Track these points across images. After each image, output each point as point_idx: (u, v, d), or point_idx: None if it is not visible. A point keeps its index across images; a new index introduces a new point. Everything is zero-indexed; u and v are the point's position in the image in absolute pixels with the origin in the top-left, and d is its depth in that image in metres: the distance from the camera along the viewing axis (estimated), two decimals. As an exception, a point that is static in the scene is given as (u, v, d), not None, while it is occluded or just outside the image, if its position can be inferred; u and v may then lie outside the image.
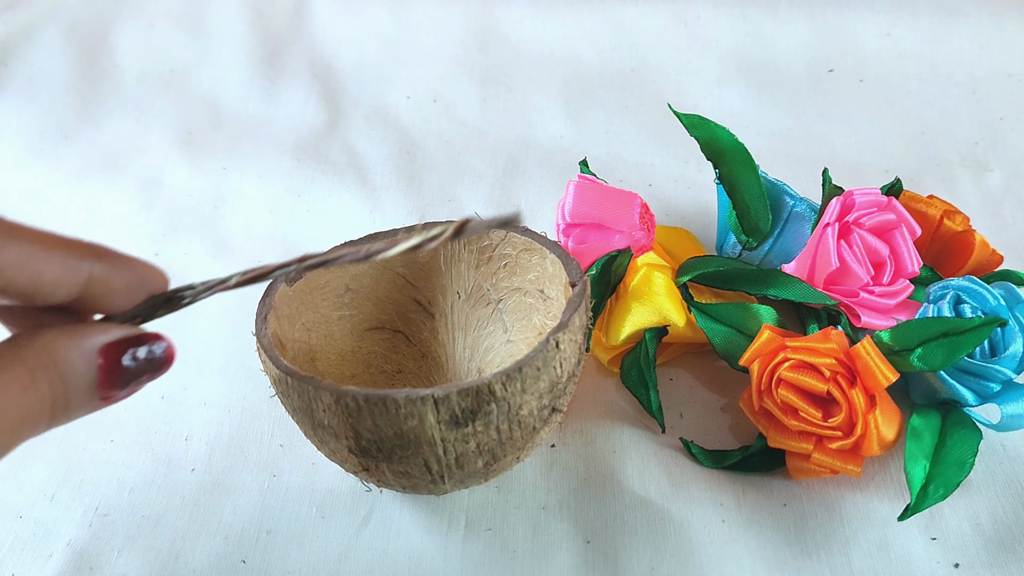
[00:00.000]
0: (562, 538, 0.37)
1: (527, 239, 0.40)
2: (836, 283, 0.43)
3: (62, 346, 0.23)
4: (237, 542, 0.38)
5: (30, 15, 0.70)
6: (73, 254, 0.24)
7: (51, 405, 0.23)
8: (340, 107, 0.64)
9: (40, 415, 0.23)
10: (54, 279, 0.23)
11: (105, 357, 0.24)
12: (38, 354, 0.23)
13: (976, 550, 0.37)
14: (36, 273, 0.23)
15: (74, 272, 0.24)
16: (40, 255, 0.23)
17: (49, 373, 0.23)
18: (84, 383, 0.24)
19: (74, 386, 0.23)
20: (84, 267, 0.24)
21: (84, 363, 0.24)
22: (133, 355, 0.25)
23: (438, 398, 0.30)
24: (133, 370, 0.24)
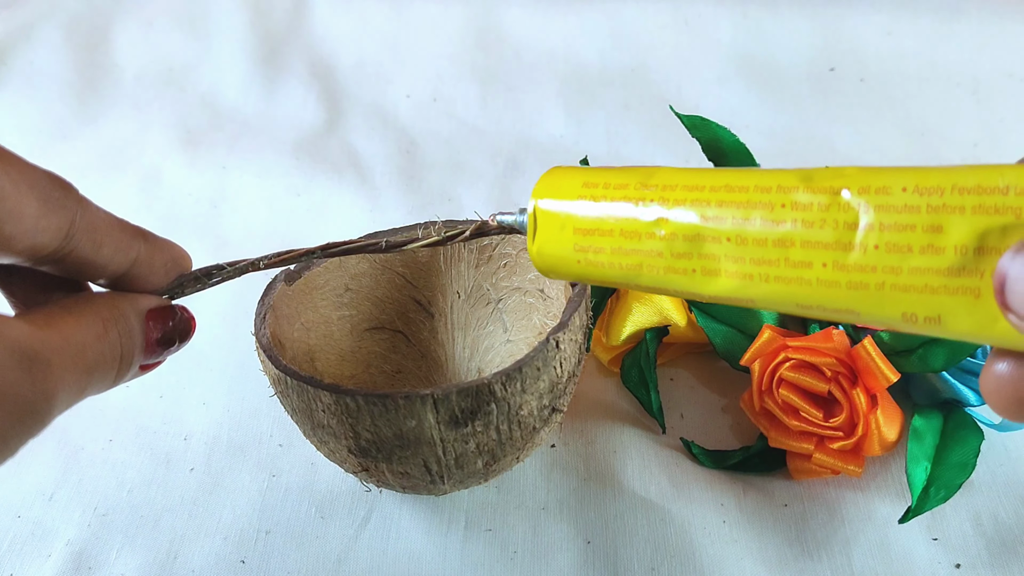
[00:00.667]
0: (562, 538, 0.37)
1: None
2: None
3: (124, 304, 0.25)
4: (236, 542, 0.38)
5: (29, 14, 0.69)
6: (127, 233, 0.25)
7: (120, 356, 0.24)
8: (340, 106, 0.64)
9: (111, 364, 0.24)
10: (110, 253, 0.24)
11: (152, 320, 0.26)
12: (108, 307, 0.24)
13: (978, 550, 0.36)
14: (98, 244, 0.24)
15: (127, 247, 0.25)
16: (103, 225, 0.24)
17: (119, 325, 0.24)
18: (138, 343, 0.25)
19: (131, 341, 0.25)
20: (135, 245, 0.25)
21: (138, 324, 0.25)
22: (169, 323, 0.26)
23: (438, 398, 0.30)
24: (168, 336, 0.26)
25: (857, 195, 0.19)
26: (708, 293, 0.21)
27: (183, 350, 0.28)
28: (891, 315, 0.18)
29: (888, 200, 0.18)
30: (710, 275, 0.21)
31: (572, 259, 0.23)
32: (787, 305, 0.20)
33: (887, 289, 0.18)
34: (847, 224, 0.19)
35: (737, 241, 0.20)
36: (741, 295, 0.21)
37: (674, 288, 0.22)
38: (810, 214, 0.19)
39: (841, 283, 0.19)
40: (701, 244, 0.21)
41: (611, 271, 0.23)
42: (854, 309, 0.19)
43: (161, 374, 0.45)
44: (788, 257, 0.19)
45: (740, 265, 0.20)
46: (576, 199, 0.23)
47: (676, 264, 0.21)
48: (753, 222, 0.20)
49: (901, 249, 0.18)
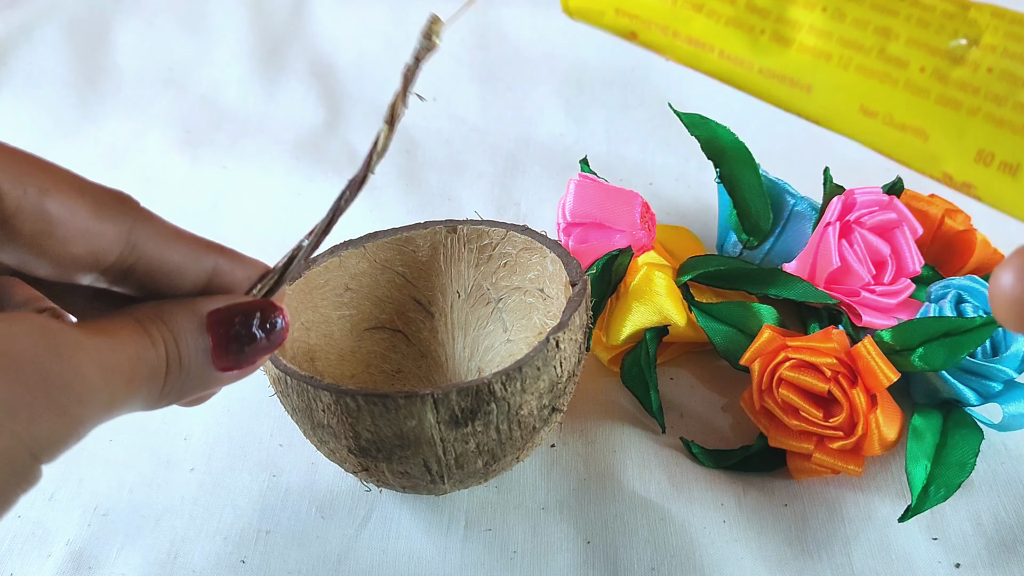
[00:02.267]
0: (562, 538, 0.37)
1: (527, 238, 0.40)
2: (837, 282, 0.43)
3: (169, 308, 0.23)
4: (237, 542, 0.38)
5: (29, 13, 0.69)
6: (199, 245, 0.25)
7: (167, 361, 0.23)
8: (339, 105, 0.64)
9: (157, 370, 0.22)
10: (180, 262, 0.24)
11: (213, 320, 0.24)
12: (148, 315, 0.23)
13: (977, 550, 0.36)
14: (165, 253, 0.23)
15: (200, 259, 0.24)
16: (169, 235, 0.24)
17: (160, 328, 0.23)
18: (197, 345, 0.23)
19: (187, 347, 0.23)
20: (209, 259, 0.25)
21: (194, 326, 0.23)
22: (243, 321, 0.24)
23: (438, 398, 0.30)
24: (244, 336, 0.24)
25: (989, 16, 0.17)
26: (763, 63, 0.19)
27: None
28: (965, 147, 0.17)
29: (1021, 31, 0.17)
30: (779, 41, 0.18)
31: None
32: (848, 103, 0.18)
33: (979, 116, 0.17)
34: (968, 38, 0.17)
35: (835, 15, 0.18)
36: (802, 76, 0.18)
37: (723, 46, 0.19)
38: (931, 15, 0.17)
39: (932, 94, 0.17)
40: (788, 6, 0.18)
41: (656, 2, 0.20)
42: (925, 129, 0.17)
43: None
44: (885, 49, 0.17)
45: (823, 41, 0.18)
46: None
47: (746, 18, 0.19)
48: (862, 1, 0.18)
49: (1016, 81, 0.16)
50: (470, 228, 0.41)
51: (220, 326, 0.24)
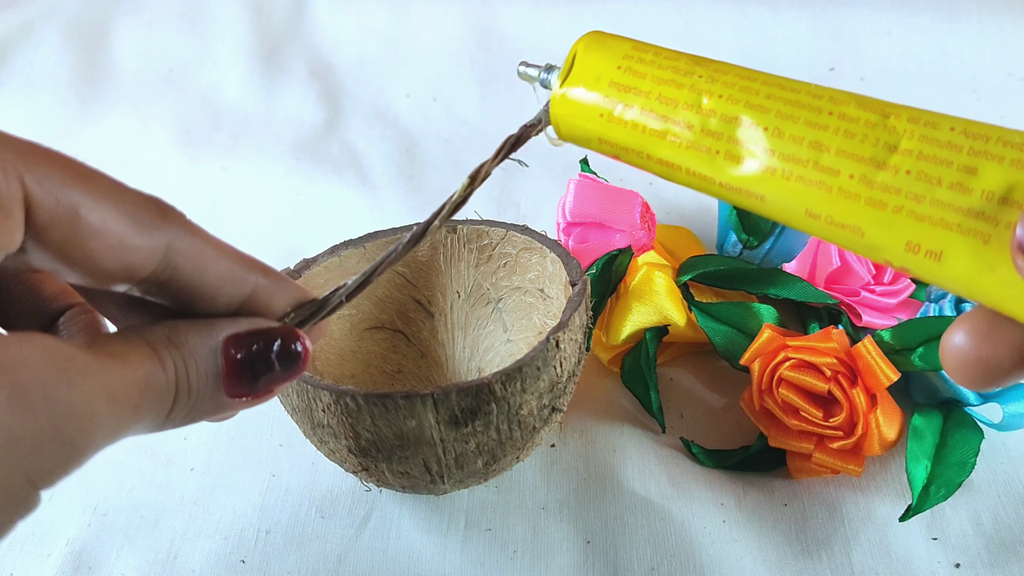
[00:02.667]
0: (562, 538, 0.37)
1: (527, 238, 0.40)
2: (837, 282, 0.43)
3: (183, 331, 0.23)
4: (236, 542, 0.38)
5: (29, 13, 0.69)
6: (242, 263, 0.24)
7: (176, 385, 0.22)
8: (339, 106, 0.64)
9: (165, 395, 0.22)
10: (218, 281, 0.23)
11: (229, 347, 0.23)
12: (159, 336, 0.22)
13: (977, 550, 0.37)
14: (204, 270, 0.23)
15: (240, 279, 0.23)
16: (210, 251, 0.23)
17: (171, 351, 0.22)
18: (208, 370, 0.23)
19: (197, 372, 0.22)
20: (250, 278, 0.24)
21: (207, 350, 0.23)
22: (261, 349, 0.23)
23: (438, 398, 0.30)
24: (261, 365, 0.23)
25: (906, 122, 0.19)
26: (722, 179, 0.21)
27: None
28: (895, 240, 0.19)
29: (934, 134, 0.19)
30: (732, 160, 0.21)
31: (595, 112, 0.23)
32: (795, 209, 0.20)
33: (903, 214, 0.19)
34: (887, 145, 0.19)
35: (774, 133, 0.20)
36: (755, 188, 0.21)
37: (688, 165, 0.22)
38: (855, 127, 0.20)
39: (861, 197, 0.19)
40: (736, 128, 0.21)
41: (630, 134, 0.22)
42: (861, 227, 0.19)
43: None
44: (819, 161, 0.20)
45: (767, 158, 0.20)
46: (622, 57, 0.23)
47: (702, 141, 0.21)
48: (796, 120, 0.20)
49: (931, 180, 0.18)
50: (470, 228, 0.41)
51: (236, 352, 0.23)
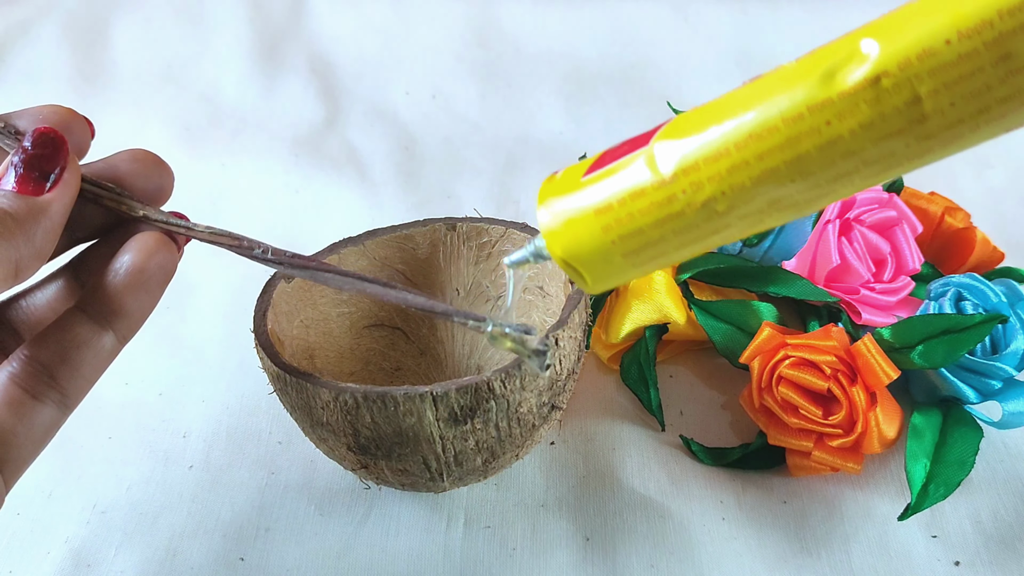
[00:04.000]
0: (561, 536, 0.37)
1: (527, 235, 0.40)
2: (837, 280, 0.43)
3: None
4: (235, 539, 0.38)
5: (28, 10, 0.69)
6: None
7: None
8: (339, 102, 0.64)
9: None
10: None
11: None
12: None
13: (977, 548, 0.37)
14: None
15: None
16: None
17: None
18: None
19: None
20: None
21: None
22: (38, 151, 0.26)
23: (437, 395, 0.30)
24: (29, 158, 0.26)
25: (901, 72, 0.17)
26: (800, 215, 0.20)
27: (182, 348, 0.26)
28: (1002, 133, 0.18)
29: (938, 60, 0.17)
30: (790, 208, 0.19)
31: (634, 272, 0.22)
32: (883, 180, 0.19)
33: (984, 125, 0.17)
34: (908, 102, 0.17)
35: (803, 177, 0.19)
36: (833, 199, 0.19)
37: (757, 232, 0.21)
38: (862, 115, 0.18)
39: (934, 147, 0.18)
40: (766, 196, 0.19)
41: (680, 256, 0.21)
42: (959, 150, 0.18)
43: (160, 371, 0.45)
44: (864, 159, 0.18)
45: (816, 190, 0.19)
46: (607, 241, 0.21)
47: (750, 221, 0.20)
48: (809, 157, 0.18)
49: (980, 92, 0.17)
50: (469, 225, 0.41)
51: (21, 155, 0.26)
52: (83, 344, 0.26)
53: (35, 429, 0.25)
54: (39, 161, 0.25)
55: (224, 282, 0.51)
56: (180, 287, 0.51)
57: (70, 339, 0.26)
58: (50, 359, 0.26)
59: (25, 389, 0.25)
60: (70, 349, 0.26)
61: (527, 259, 0.24)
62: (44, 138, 0.26)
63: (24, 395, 0.25)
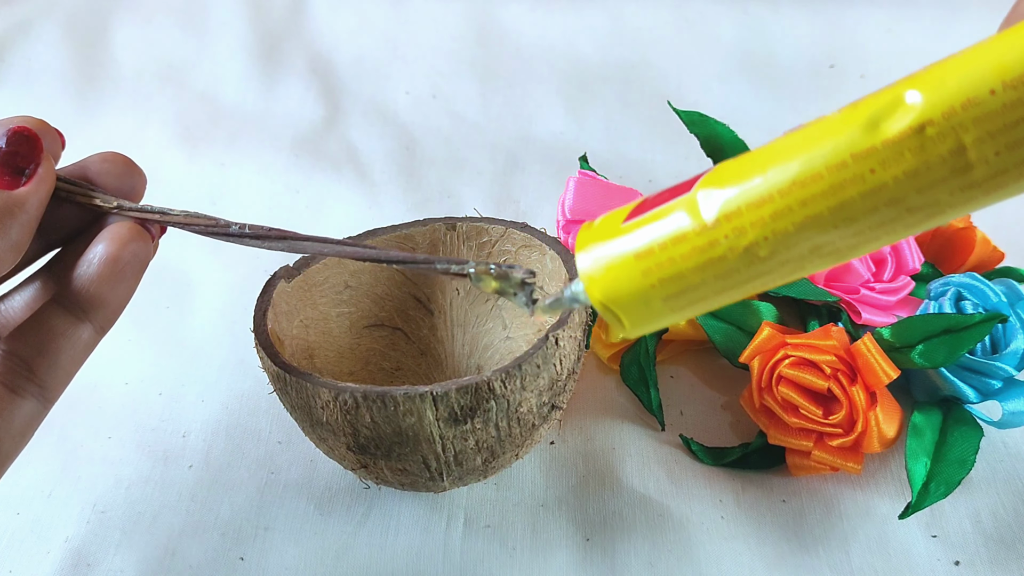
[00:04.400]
0: (561, 535, 0.37)
1: (527, 235, 0.40)
2: (837, 280, 0.43)
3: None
4: (235, 539, 0.38)
5: (28, 9, 0.69)
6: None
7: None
8: (339, 102, 0.64)
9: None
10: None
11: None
12: None
13: (976, 548, 0.36)
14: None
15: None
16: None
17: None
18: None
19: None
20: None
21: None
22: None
23: (437, 395, 0.30)
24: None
25: (945, 121, 0.17)
26: (840, 262, 0.20)
27: (181, 347, 0.27)
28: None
29: (982, 110, 0.17)
30: (832, 255, 0.20)
31: (674, 316, 0.22)
32: (925, 228, 0.19)
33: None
34: (952, 152, 0.18)
35: (846, 223, 0.19)
36: (874, 247, 0.20)
37: (799, 278, 0.21)
38: (906, 163, 0.18)
39: (978, 196, 0.18)
40: (808, 243, 0.19)
41: (720, 302, 0.22)
42: (1003, 198, 0.18)
43: (160, 371, 0.45)
44: (909, 207, 0.18)
45: (860, 237, 0.19)
46: (647, 285, 0.21)
47: (791, 267, 0.20)
48: (852, 203, 0.19)
49: (1021, 143, 0.17)
50: (469, 225, 0.41)
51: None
52: (60, 336, 0.26)
53: (15, 424, 0.26)
54: (13, 159, 0.26)
55: (224, 282, 0.51)
56: (180, 287, 0.51)
57: (47, 331, 0.26)
58: (27, 352, 0.26)
59: (3, 383, 0.25)
60: (47, 341, 0.26)
61: (563, 303, 0.24)
62: (18, 136, 0.26)
63: (2, 389, 0.25)
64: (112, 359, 0.46)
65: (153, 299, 0.50)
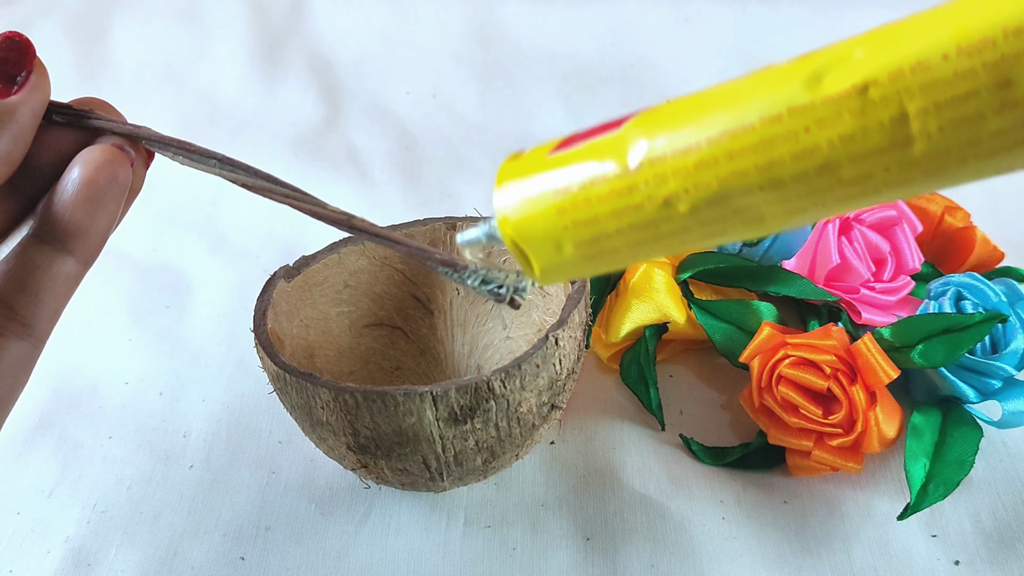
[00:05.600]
0: (561, 535, 0.37)
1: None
2: (837, 279, 0.43)
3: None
4: (235, 539, 0.38)
5: (28, 9, 0.69)
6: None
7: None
8: (339, 102, 0.64)
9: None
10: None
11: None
12: None
13: (976, 547, 0.37)
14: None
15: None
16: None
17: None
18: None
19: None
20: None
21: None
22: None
23: (437, 395, 0.30)
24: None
25: (891, 83, 0.16)
26: (762, 234, 0.19)
27: (182, 347, 0.26)
28: (990, 174, 0.16)
29: (931, 75, 0.15)
30: (755, 221, 0.18)
31: (585, 268, 0.21)
32: (855, 207, 0.18)
33: (972, 161, 0.16)
34: (894, 120, 0.16)
35: (772, 187, 0.17)
36: (799, 222, 0.18)
37: (717, 243, 0.19)
38: (843, 126, 0.16)
39: (916, 176, 0.16)
40: (731, 201, 0.18)
41: (634, 258, 0.20)
42: (941, 185, 0.17)
43: (160, 371, 0.45)
44: (840, 177, 0.17)
45: (786, 204, 0.18)
46: (559, 226, 0.20)
47: (711, 229, 0.19)
48: (781, 163, 0.17)
49: (972, 120, 0.15)
50: (469, 225, 0.41)
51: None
52: (39, 269, 0.25)
53: (4, 367, 0.24)
54: (3, 65, 0.24)
55: (224, 282, 0.51)
56: (180, 287, 0.51)
57: (26, 267, 0.24)
58: (6, 289, 0.24)
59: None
60: (27, 277, 0.24)
61: (480, 239, 0.23)
62: (9, 42, 0.24)
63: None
64: (112, 359, 0.46)
65: (153, 299, 0.50)
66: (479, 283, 0.24)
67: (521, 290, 0.24)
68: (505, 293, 0.24)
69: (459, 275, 0.25)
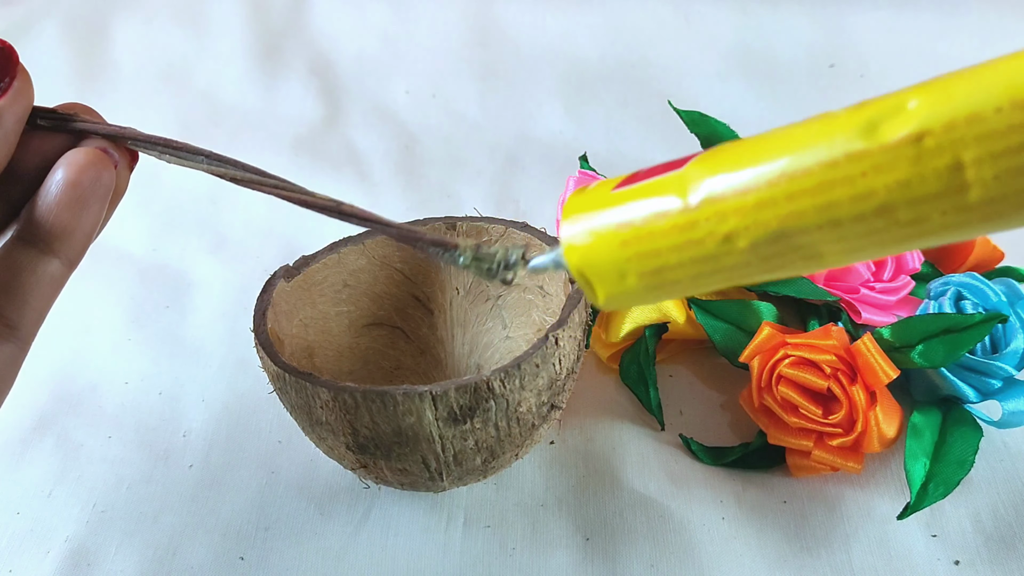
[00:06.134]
0: (561, 535, 0.37)
1: (527, 235, 0.40)
2: (837, 279, 0.43)
3: None
4: (235, 538, 0.38)
5: (28, 9, 0.69)
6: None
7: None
8: (339, 102, 0.64)
9: None
10: None
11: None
12: None
13: (976, 547, 0.36)
14: None
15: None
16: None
17: None
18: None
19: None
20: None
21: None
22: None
23: (436, 395, 0.30)
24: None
25: (945, 134, 0.16)
26: (821, 269, 0.20)
27: (182, 347, 0.26)
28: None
29: (985, 127, 0.16)
30: (814, 258, 0.19)
31: (647, 296, 0.22)
32: (914, 247, 0.18)
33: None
34: (949, 168, 0.17)
35: (830, 227, 0.18)
36: (858, 259, 0.19)
37: (776, 277, 0.20)
38: (900, 172, 0.17)
39: (973, 220, 0.17)
40: (790, 239, 0.19)
41: (695, 288, 0.21)
42: (1000, 229, 0.17)
43: (160, 371, 0.45)
44: (897, 219, 0.18)
45: (844, 243, 0.18)
46: (623, 257, 0.21)
47: (770, 264, 0.20)
48: (839, 205, 0.18)
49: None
50: (469, 225, 0.41)
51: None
52: (24, 271, 0.25)
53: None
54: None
55: (224, 282, 0.51)
56: (180, 287, 0.51)
57: (10, 268, 0.25)
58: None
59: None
60: (11, 279, 0.25)
61: (548, 266, 0.24)
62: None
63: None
64: (112, 359, 0.46)
65: (153, 299, 0.50)
66: (470, 261, 0.25)
67: (513, 265, 0.25)
68: (496, 269, 0.25)
69: (450, 255, 0.25)
